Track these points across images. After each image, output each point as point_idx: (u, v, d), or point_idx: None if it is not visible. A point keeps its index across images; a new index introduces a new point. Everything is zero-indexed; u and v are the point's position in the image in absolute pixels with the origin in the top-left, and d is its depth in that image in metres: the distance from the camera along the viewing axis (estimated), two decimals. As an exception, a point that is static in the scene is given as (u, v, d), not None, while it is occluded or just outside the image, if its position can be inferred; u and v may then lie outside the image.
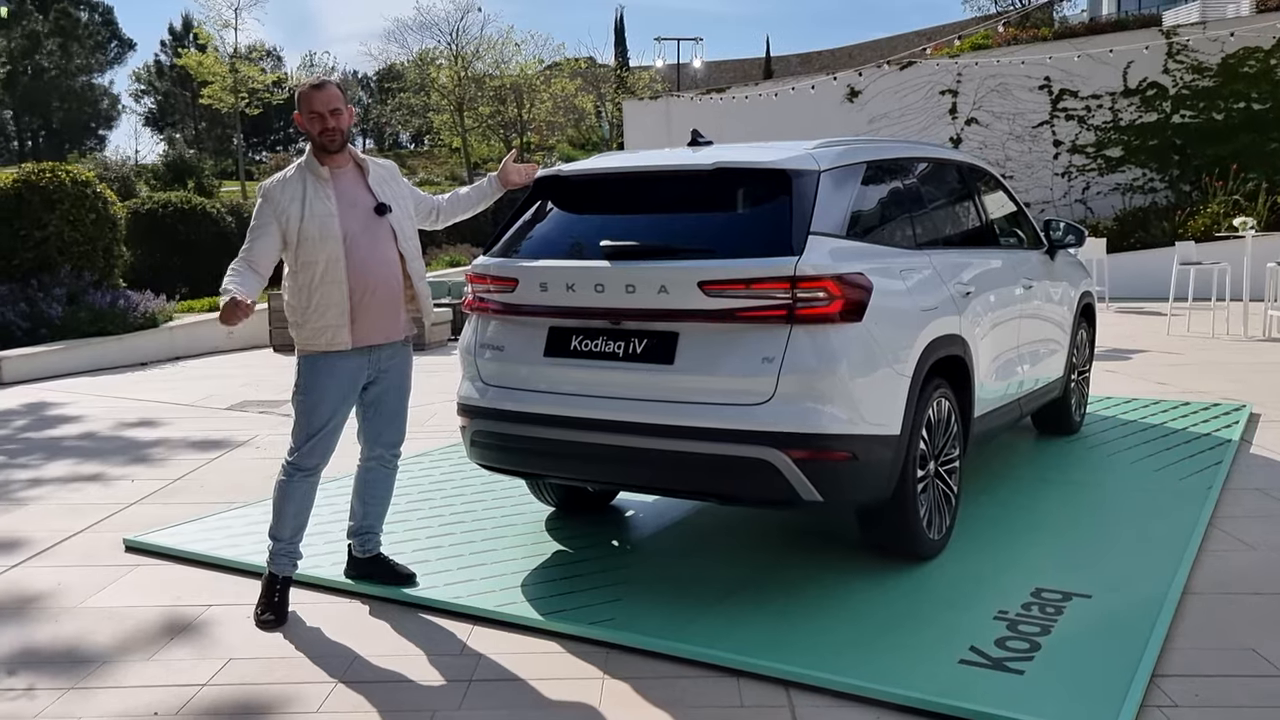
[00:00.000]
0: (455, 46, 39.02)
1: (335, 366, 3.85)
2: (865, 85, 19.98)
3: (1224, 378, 8.62)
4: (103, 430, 7.78)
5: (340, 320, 3.79)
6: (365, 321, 3.84)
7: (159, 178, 34.14)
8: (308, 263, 3.78)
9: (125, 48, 59.42)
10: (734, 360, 3.72)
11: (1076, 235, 6.09)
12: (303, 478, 3.91)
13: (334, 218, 3.78)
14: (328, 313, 3.79)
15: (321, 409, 3.85)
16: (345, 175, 3.90)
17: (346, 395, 3.91)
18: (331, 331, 3.81)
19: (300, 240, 3.76)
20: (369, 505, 4.14)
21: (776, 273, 3.66)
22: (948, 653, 3.36)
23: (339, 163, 3.89)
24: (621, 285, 3.89)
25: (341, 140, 3.86)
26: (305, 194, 3.79)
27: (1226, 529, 4.61)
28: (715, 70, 45.83)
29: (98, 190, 13.39)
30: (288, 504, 3.91)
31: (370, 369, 3.94)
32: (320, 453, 3.91)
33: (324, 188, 3.82)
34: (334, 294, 3.78)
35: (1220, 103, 17.54)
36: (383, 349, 3.95)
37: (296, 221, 3.76)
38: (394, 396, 4.06)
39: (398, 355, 4.03)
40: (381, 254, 3.88)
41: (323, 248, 3.76)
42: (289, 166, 3.94)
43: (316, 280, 3.79)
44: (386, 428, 4.08)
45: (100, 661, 3.54)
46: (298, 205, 3.77)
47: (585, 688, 3.27)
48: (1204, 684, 3.15)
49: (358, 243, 3.81)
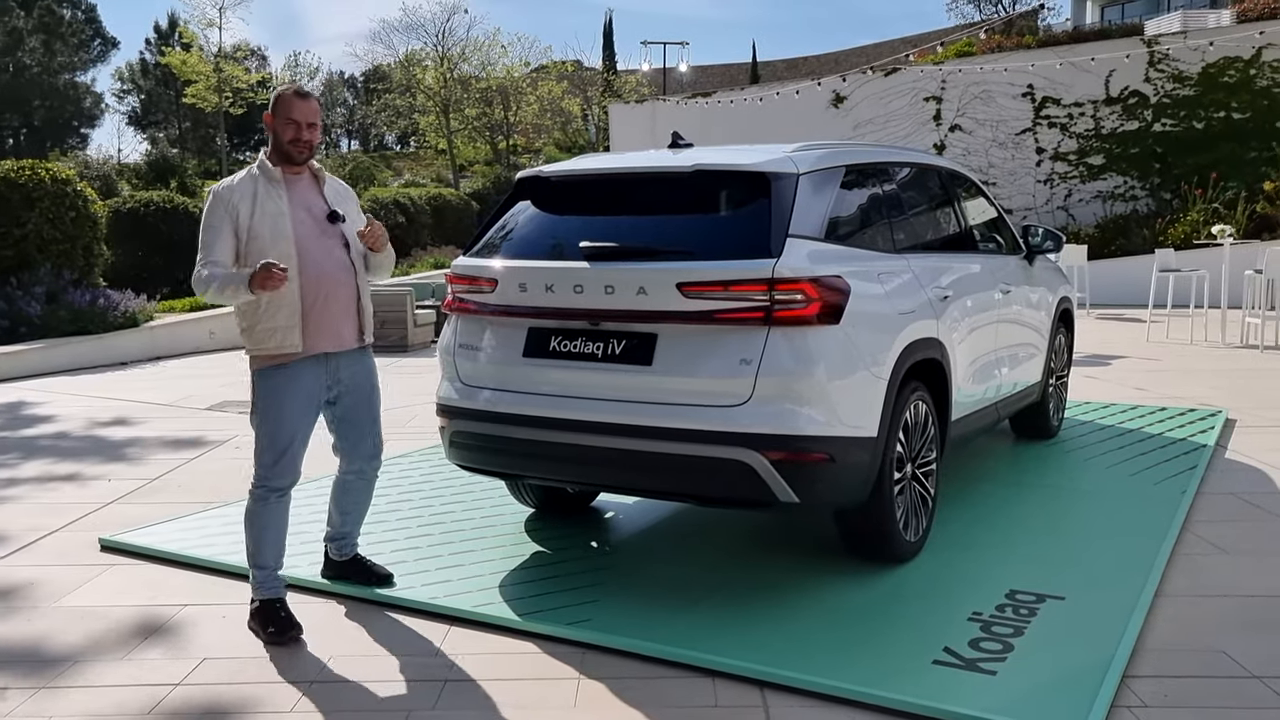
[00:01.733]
0: (441, 48, 39.01)
1: (290, 380, 3.70)
2: (850, 91, 20.07)
3: (1201, 384, 8.69)
4: (80, 429, 7.73)
5: (291, 321, 3.65)
6: (317, 326, 3.70)
7: (141, 177, 33.96)
8: (258, 262, 3.59)
9: (109, 46, 59.00)
10: (712, 362, 3.74)
11: (1055, 241, 6.13)
12: (277, 499, 3.77)
13: (285, 217, 3.67)
14: (278, 314, 3.64)
15: (283, 428, 3.70)
16: (299, 182, 3.79)
17: (306, 410, 3.76)
18: (281, 334, 3.65)
19: (250, 238, 3.63)
20: (347, 514, 4.08)
21: (754, 275, 3.68)
22: (922, 653, 3.38)
23: (295, 171, 3.78)
24: (600, 286, 3.90)
25: (309, 155, 3.75)
26: (256, 193, 3.68)
27: (1200, 532, 4.65)
28: (702, 75, 45.91)
29: (78, 188, 13.30)
30: (266, 529, 3.77)
31: (328, 379, 3.80)
32: (289, 472, 3.76)
33: (276, 188, 3.71)
34: (285, 295, 3.62)
35: (1200, 112, 17.71)
36: (339, 358, 3.81)
37: (247, 219, 3.63)
38: (363, 408, 3.92)
39: (357, 364, 3.89)
40: (334, 259, 3.76)
41: (273, 247, 3.62)
42: (240, 171, 3.82)
43: None
44: (361, 441, 3.95)
45: (72, 660, 3.52)
46: (248, 203, 3.65)
47: (561, 688, 3.28)
48: (1174, 685, 3.18)
49: (309, 246, 3.70)
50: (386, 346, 12.92)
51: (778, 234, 3.77)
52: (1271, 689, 3.13)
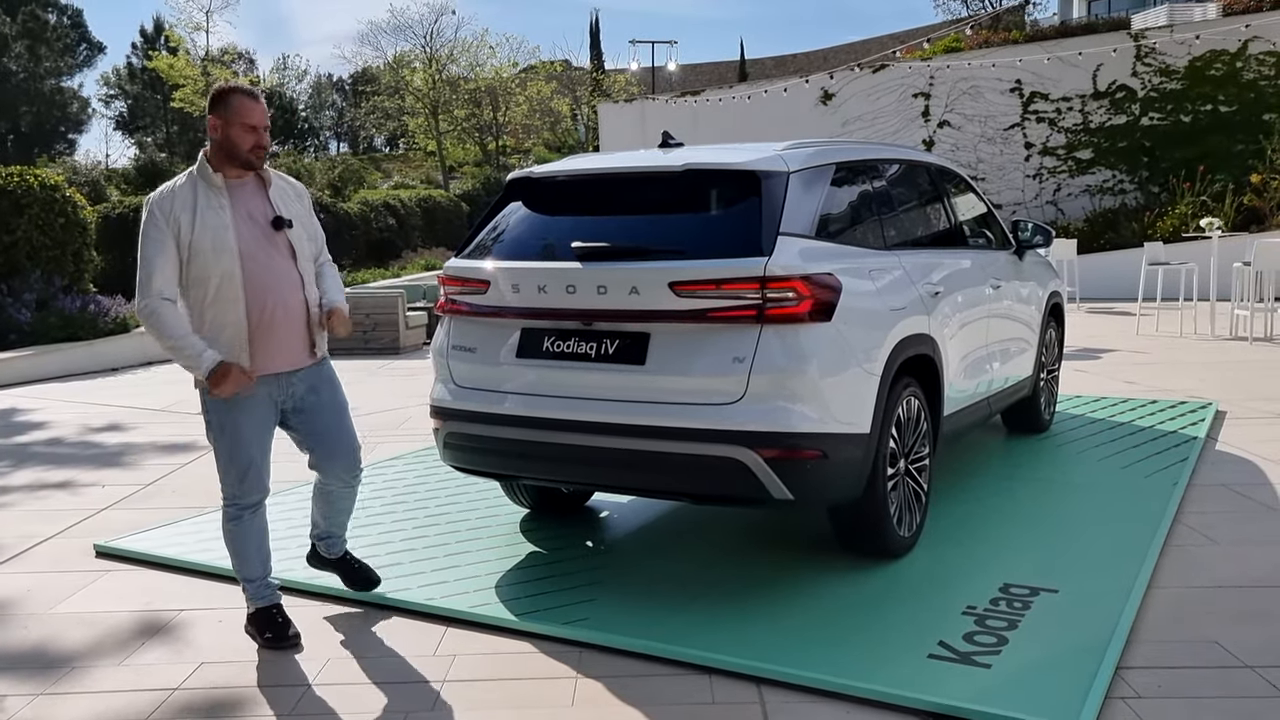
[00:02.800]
0: (430, 49, 38.93)
1: (241, 401, 3.52)
2: (838, 88, 20.10)
3: (1191, 376, 8.74)
4: (73, 436, 7.72)
5: (236, 343, 3.46)
6: (264, 346, 3.51)
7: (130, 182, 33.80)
8: (199, 279, 3.43)
9: (95, 51, 58.78)
10: (705, 360, 3.75)
11: (1044, 236, 6.16)
12: (250, 515, 3.66)
13: (228, 229, 3.44)
14: (222, 334, 3.46)
15: (242, 446, 3.56)
16: (243, 186, 3.55)
17: (263, 426, 3.61)
18: (229, 355, 3.46)
19: (192, 254, 3.41)
20: (330, 519, 3.97)
21: (746, 273, 3.70)
22: (917, 647, 3.40)
23: (239, 174, 3.54)
24: (593, 286, 3.91)
25: (264, 158, 3.57)
26: (196, 203, 3.44)
27: (1192, 524, 4.68)
28: (690, 73, 45.94)
29: (67, 194, 13.26)
30: (247, 545, 3.67)
31: (281, 394, 3.62)
32: (256, 487, 3.64)
33: (217, 197, 3.47)
34: (229, 314, 3.44)
35: (1188, 105, 17.77)
36: (293, 375, 3.63)
37: (188, 233, 3.40)
38: (328, 420, 3.73)
39: (314, 378, 3.69)
40: (279, 271, 3.53)
41: (216, 263, 3.41)
42: (178, 175, 3.57)
43: (210, 298, 3.45)
44: (334, 453, 3.76)
45: (70, 666, 3.52)
46: (188, 214, 3.42)
47: (558, 687, 3.29)
48: (1167, 675, 3.20)
49: (255, 258, 3.47)
50: (378, 349, 12.92)
51: (769, 232, 3.79)
52: (1264, 678, 3.16)
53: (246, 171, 3.56)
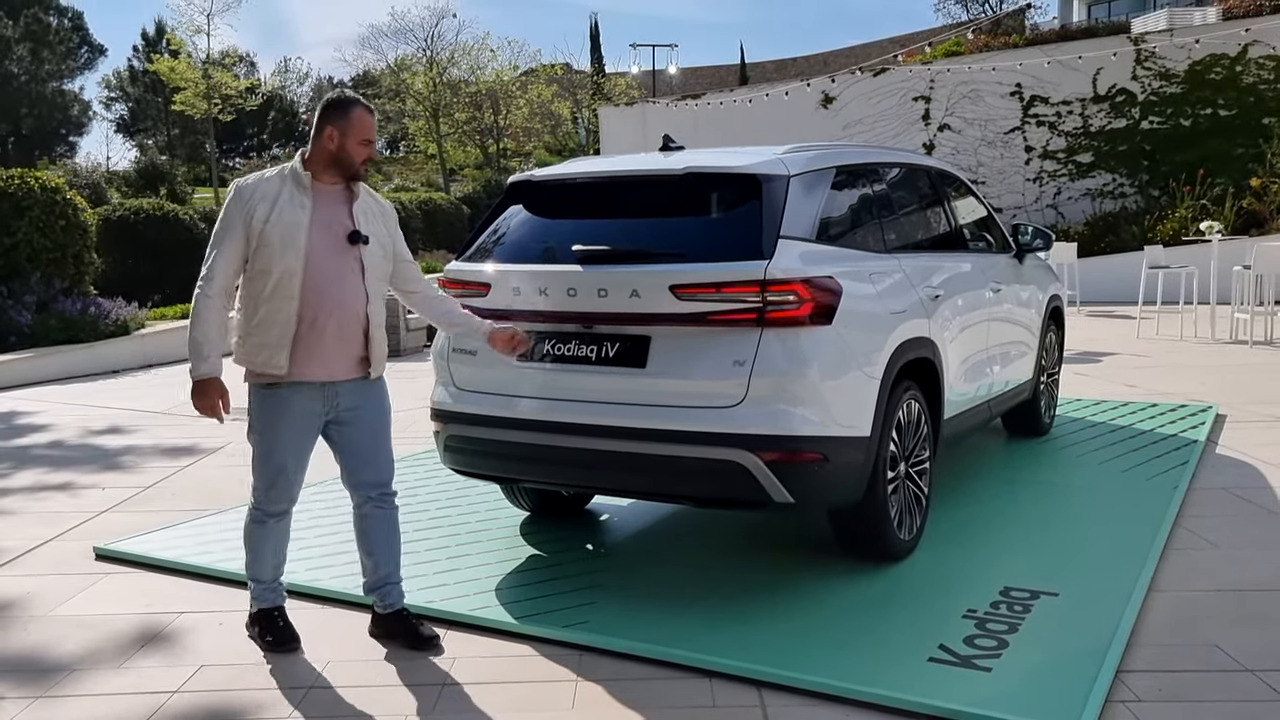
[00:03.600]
0: (430, 52, 38.95)
1: (283, 403, 3.51)
2: (839, 91, 20.11)
3: (1191, 379, 8.74)
4: (73, 438, 7.71)
5: (280, 341, 3.44)
6: (310, 351, 3.48)
7: (131, 184, 33.81)
8: (262, 271, 3.45)
9: (96, 53, 58.83)
10: (705, 363, 3.75)
11: (1044, 239, 6.17)
12: (275, 521, 3.63)
13: (301, 228, 3.45)
14: (271, 330, 3.45)
15: (276, 451, 3.54)
16: (330, 193, 3.56)
17: (302, 435, 3.56)
18: (270, 351, 3.45)
19: (260, 244, 3.43)
20: (375, 554, 3.72)
21: (747, 276, 3.70)
22: (918, 651, 3.40)
23: (330, 180, 3.56)
24: (594, 289, 3.91)
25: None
26: (279, 197, 3.47)
27: (1192, 528, 4.68)
28: (691, 76, 45.96)
29: (68, 197, 13.26)
30: (264, 547, 3.64)
31: (326, 405, 3.57)
32: (284, 497, 3.60)
33: (301, 196, 3.49)
34: (281, 311, 3.44)
35: (1187, 109, 17.78)
36: (338, 386, 3.57)
37: (260, 223, 3.42)
38: (365, 437, 3.67)
39: (360, 393, 3.64)
40: (345, 282, 3.52)
41: (281, 257, 3.42)
42: (271, 168, 3.62)
43: (267, 292, 3.45)
44: (362, 471, 3.68)
45: (69, 669, 3.51)
46: (266, 206, 3.44)
47: (559, 690, 3.28)
48: (1168, 679, 3.20)
49: (320, 263, 3.47)
50: (379, 352, 12.90)
51: (769, 236, 3.79)
52: (1264, 682, 3.16)
53: (340, 180, 3.57)
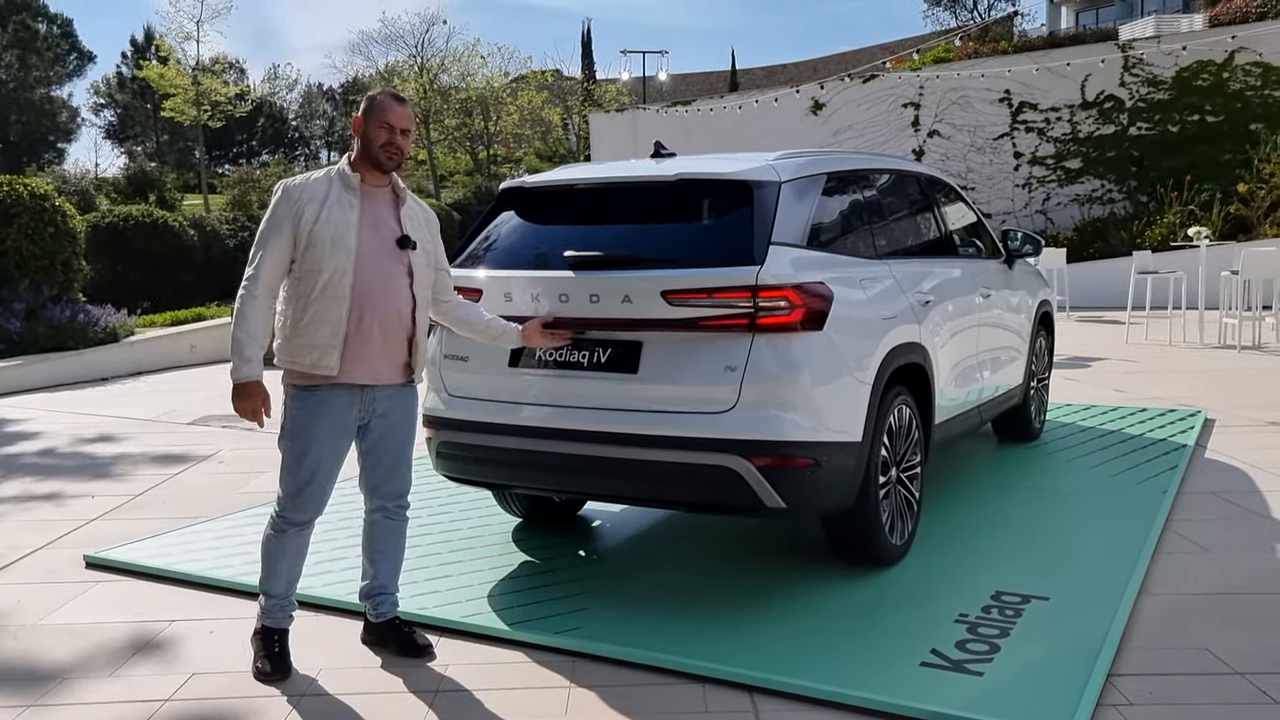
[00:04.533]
0: (421, 59, 38.95)
1: (323, 406, 3.46)
2: (829, 98, 20.19)
3: (1180, 384, 8.78)
4: (62, 446, 7.68)
5: (332, 341, 3.41)
6: (357, 353, 3.45)
7: (120, 191, 33.71)
8: (311, 270, 3.40)
9: (85, 60, 58.64)
10: (697, 369, 3.76)
11: (1034, 245, 6.20)
12: (296, 532, 3.53)
13: (351, 228, 3.43)
14: (320, 330, 3.41)
15: (310, 455, 3.47)
16: (377, 196, 3.55)
17: (337, 439, 3.51)
18: (319, 352, 3.41)
19: (309, 244, 3.39)
20: (378, 563, 3.72)
21: (738, 282, 3.71)
22: (909, 655, 3.41)
23: (376, 181, 3.55)
24: (586, 295, 3.92)
25: (399, 162, 3.55)
26: (328, 196, 3.45)
27: (1182, 531, 4.71)
28: (681, 83, 46.08)
29: (57, 203, 13.21)
30: (280, 560, 3.54)
31: (363, 410, 3.54)
32: (313, 505, 3.52)
33: (350, 196, 3.47)
34: (332, 310, 3.40)
35: (1175, 115, 17.91)
36: (376, 390, 3.54)
37: (310, 222, 3.39)
38: (392, 445, 3.63)
39: (396, 399, 3.60)
40: (393, 285, 3.50)
41: (332, 257, 3.39)
42: (318, 171, 3.59)
43: (317, 291, 3.41)
44: (385, 479, 3.66)
45: (60, 678, 3.50)
46: (315, 206, 3.42)
47: (552, 697, 3.28)
48: (1159, 682, 3.21)
49: (369, 264, 3.45)
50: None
51: (761, 242, 3.80)
52: (1254, 685, 3.17)
53: (377, 180, 3.55)
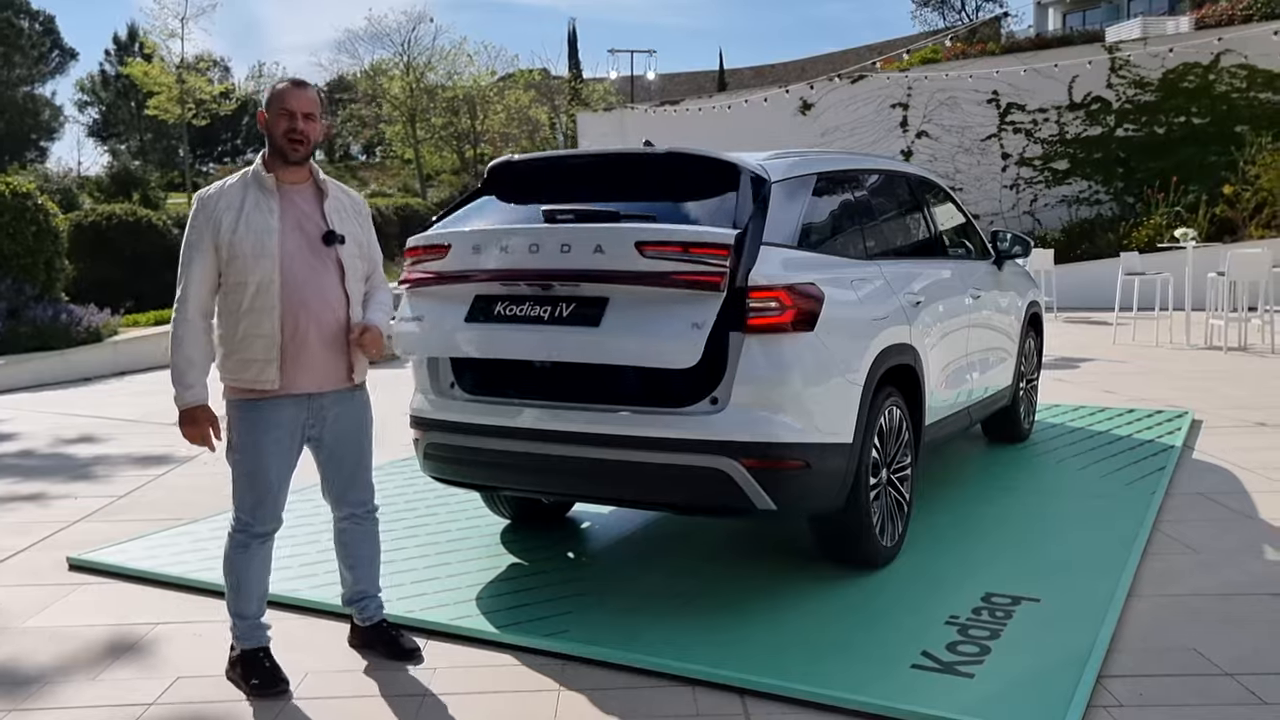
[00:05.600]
0: (407, 57, 38.83)
1: (267, 419, 3.36)
2: (817, 98, 20.21)
3: (1167, 385, 8.81)
4: (45, 447, 7.61)
5: (268, 355, 3.30)
6: (297, 361, 3.34)
7: (103, 190, 33.51)
8: (238, 284, 3.30)
9: (67, 58, 58.15)
10: (661, 324, 3.61)
11: (1023, 246, 6.20)
12: (260, 544, 3.44)
13: (273, 234, 3.30)
14: (255, 344, 3.31)
15: (261, 469, 3.38)
16: (298, 193, 3.41)
17: (287, 450, 3.42)
18: (258, 366, 3.31)
19: (231, 256, 3.28)
20: (356, 568, 3.65)
21: (717, 240, 3.60)
22: (900, 657, 3.39)
23: (294, 178, 3.41)
24: (557, 245, 3.77)
25: (306, 151, 3.38)
26: (244, 204, 3.32)
27: (1170, 533, 4.71)
28: (669, 82, 46.06)
29: (39, 202, 13.12)
30: (248, 578, 3.43)
31: (311, 417, 3.44)
32: (270, 516, 3.44)
33: (268, 200, 3.34)
34: (264, 323, 3.29)
35: (1161, 117, 18.00)
36: (323, 398, 3.44)
37: (229, 233, 3.28)
38: (350, 451, 3.54)
39: (344, 405, 3.50)
40: (324, 286, 3.37)
41: (256, 267, 3.27)
42: (233, 175, 3.45)
43: (246, 304, 3.30)
44: (348, 487, 3.58)
45: (43, 681, 3.45)
46: (232, 215, 3.30)
47: (541, 700, 3.26)
48: (1148, 684, 3.21)
49: (296, 268, 3.32)
50: (356, 358, 12.83)
51: (743, 210, 3.77)
52: (1243, 685, 3.17)
53: (287, 170, 3.40)
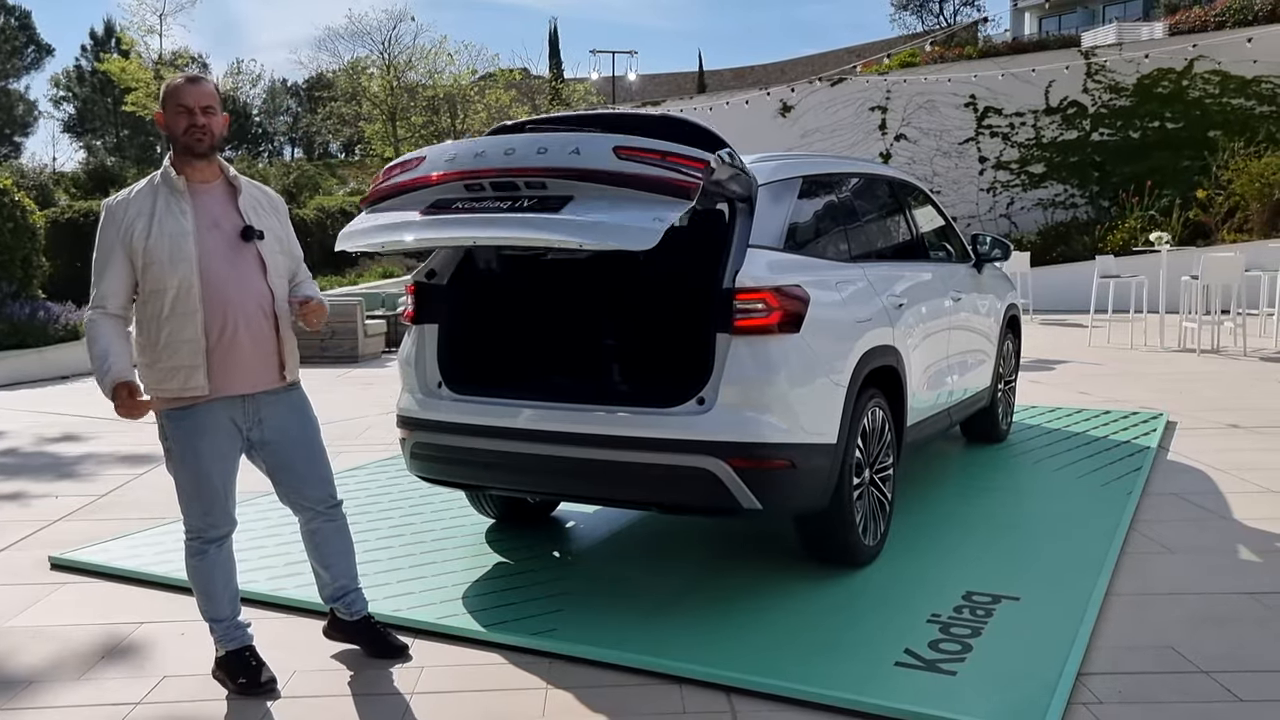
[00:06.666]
0: (387, 56, 38.67)
1: (202, 423, 3.27)
2: (798, 101, 20.31)
3: (1142, 387, 8.93)
4: (24, 445, 7.55)
5: (194, 360, 3.20)
6: (227, 364, 3.25)
7: (79, 186, 33.19)
8: (156, 290, 3.20)
9: (43, 53, 57.61)
10: (622, 213, 3.48)
11: (1003, 249, 6.28)
12: (216, 549, 3.39)
13: (188, 236, 3.19)
14: (180, 350, 3.20)
15: (203, 475, 3.30)
16: (209, 191, 3.31)
17: (227, 452, 3.34)
18: (185, 373, 3.21)
19: (147, 263, 3.19)
20: (333, 565, 3.61)
21: (697, 154, 3.56)
22: (883, 655, 3.44)
23: (203, 177, 3.30)
24: (534, 148, 3.68)
25: (210, 144, 3.25)
26: (155, 209, 3.21)
27: (1146, 533, 4.79)
28: (650, 83, 46.08)
29: (15, 199, 12.99)
30: (213, 582, 3.39)
31: (246, 417, 3.35)
32: (222, 520, 3.37)
33: (179, 202, 3.23)
34: (186, 328, 3.19)
35: (1136, 121, 18.22)
36: (258, 398, 3.35)
37: (142, 240, 3.18)
38: (298, 450, 3.45)
39: (282, 405, 3.41)
40: (247, 284, 3.27)
41: (173, 272, 3.17)
42: (140, 181, 3.34)
43: (166, 311, 3.20)
44: (305, 487, 3.50)
45: (28, 682, 3.44)
46: (144, 221, 3.20)
47: (529, 699, 3.28)
48: (1127, 681, 3.27)
49: (217, 270, 3.22)
50: (337, 357, 12.81)
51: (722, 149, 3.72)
52: (1219, 683, 3.24)
53: (196, 169, 3.29)
